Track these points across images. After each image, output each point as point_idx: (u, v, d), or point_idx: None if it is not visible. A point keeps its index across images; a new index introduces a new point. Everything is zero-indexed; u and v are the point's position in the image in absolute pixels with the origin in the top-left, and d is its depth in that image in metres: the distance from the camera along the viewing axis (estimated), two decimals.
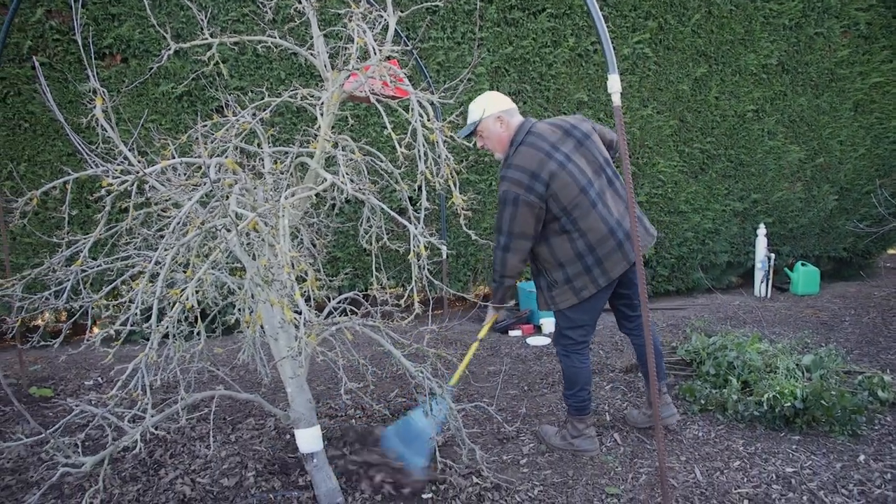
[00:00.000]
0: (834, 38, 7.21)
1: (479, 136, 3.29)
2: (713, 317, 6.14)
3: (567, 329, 3.34)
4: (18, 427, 3.75)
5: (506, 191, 3.07)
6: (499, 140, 3.24)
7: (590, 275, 3.19)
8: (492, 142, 3.27)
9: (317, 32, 2.58)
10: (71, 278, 2.69)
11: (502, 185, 3.11)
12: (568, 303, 3.25)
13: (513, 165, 3.11)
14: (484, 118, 3.21)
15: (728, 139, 7.03)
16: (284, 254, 1.97)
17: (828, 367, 4.03)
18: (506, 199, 3.08)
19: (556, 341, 3.44)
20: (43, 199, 2.72)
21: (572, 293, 3.23)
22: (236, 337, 4.99)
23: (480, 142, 3.31)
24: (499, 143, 3.25)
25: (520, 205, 3.04)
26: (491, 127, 3.23)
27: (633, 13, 6.33)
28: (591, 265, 3.18)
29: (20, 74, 4.94)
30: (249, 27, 5.33)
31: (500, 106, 3.24)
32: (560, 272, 3.22)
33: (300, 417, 2.76)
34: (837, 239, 7.95)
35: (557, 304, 3.29)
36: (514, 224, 3.08)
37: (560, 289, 3.25)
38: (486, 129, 3.24)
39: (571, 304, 3.25)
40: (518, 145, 3.16)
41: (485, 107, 3.21)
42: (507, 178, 3.10)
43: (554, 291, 3.28)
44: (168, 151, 2.75)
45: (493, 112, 3.21)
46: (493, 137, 3.25)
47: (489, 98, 3.26)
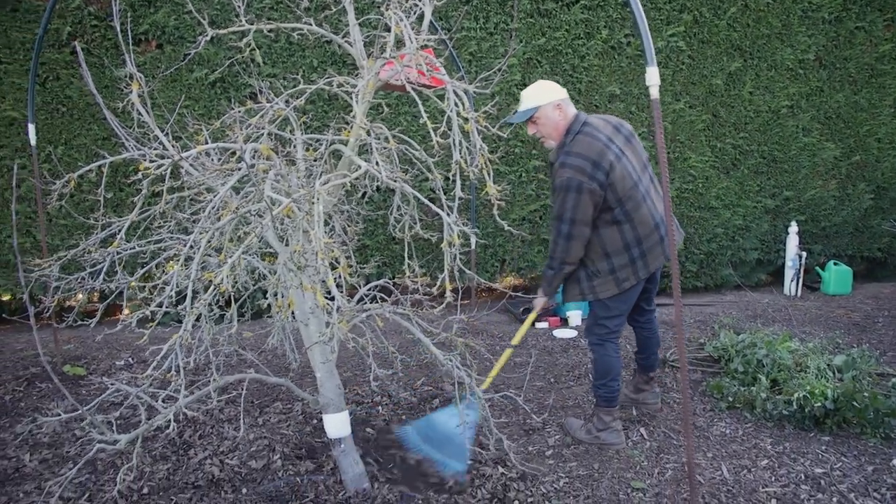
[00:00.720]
0: (876, 31, 7.04)
1: (534, 122, 3.27)
2: (741, 314, 6.07)
3: (604, 318, 3.37)
4: (54, 403, 3.84)
5: (569, 178, 3.07)
6: (555, 128, 3.24)
7: (633, 266, 3.23)
8: (548, 129, 3.25)
9: (353, 21, 2.58)
10: (107, 260, 2.74)
11: (563, 171, 3.09)
12: (609, 293, 3.28)
13: (573, 153, 3.11)
14: (543, 105, 3.21)
15: (761, 135, 6.91)
16: (318, 240, 1.98)
17: (860, 368, 3.97)
18: (569, 185, 3.07)
19: (590, 331, 3.44)
20: (78, 182, 2.77)
21: (615, 283, 3.26)
22: (265, 321, 5.05)
23: (533, 129, 3.30)
24: (555, 130, 3.24)
25: (583, 192, 3.05)
26: (549, 114, 3.22)
27: (667, 6, 6.24)
28: (637, 257, 3.22)
29: (59, 59, 5.03)
30: (283, 15, 5.36)
31: (559, 94, 3.24)
32: (605, 262, 3.24)
33: (329, 402, 2.78)
34: (872, 239, 7.79)
35: (598, 293, 3.30)
36: (577, 211, 3.09)
37: (603, 279, 3.27)
38: (545, 116, 3.22)
39: (612, 294, 3.28)
40: (576, 134, 3.17)
41: (544, 94, 3.22)
42: (568, 165, 3.09)
43: (595, 281, 3.29)
44: (202, 137, 2.79)
45: (552, 99, 3.21)
46: (550, 125, 3.24)
47: (547, 86, 3.26)
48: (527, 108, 3.24)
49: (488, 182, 2.32)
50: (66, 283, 3.03)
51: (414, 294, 2.78)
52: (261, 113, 2.54)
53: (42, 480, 2.97)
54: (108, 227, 2.83)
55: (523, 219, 6.26)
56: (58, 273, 2.98)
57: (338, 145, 2.58)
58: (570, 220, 3.11)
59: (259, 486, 2.91)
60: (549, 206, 6.28)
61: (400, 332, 5.01)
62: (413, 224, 2.84)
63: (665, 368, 4.53)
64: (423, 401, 3.88)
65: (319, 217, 2.05)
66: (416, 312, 2.84)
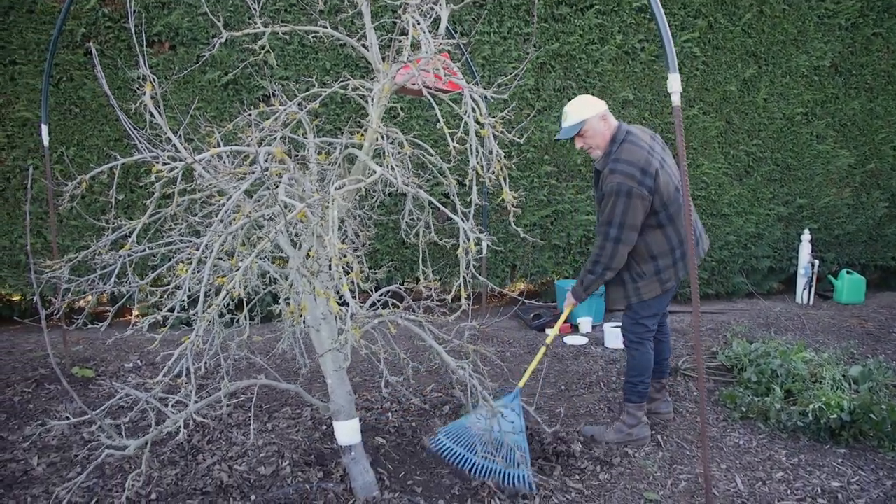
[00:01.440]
0: (893, 38, 6.97)
1: (581, 135, 3.35)
2: (753, 322, 6.00)
3: (645, 318, 3.46)
4: (62, 406, 3.83)
5: (620, 183, 3.15)
6: (602, 138, 3.33)
7: (675, 267, 3.37)
8: (595, 140, 3.34)
9: (369, 24, 2.56)
10: (118, 262, 2.72)
11: (614, 177, 3.18)
12: (652, 293, 3.38)
13: (622, 160, 3.21)
14: (590, 118, 3.30)
15: (775, 142, 6.86)
16: (333, 245, 1.95)
17: (877, 379, 3.91)
18: (619, 191, 3.16)
19: (630, 330, 3.51)
20: (89, 184, 2.76)
21: (658, 284, 3.38)
22: (274, 325, 5.03)
23: (581, 142, 3.38)
24: (602, 140, 3.34)
25: (633, 196, 3.14)
26: (596, 126, 3.31)
27: (682, 11, 6.20)
28: (678, 259, 3.36)
29: (73, 60, 5.03)
30: (296, 17, 5.35)
31: (602, 106, 3.35)
32: (651, 264, 3.34)
33: (340, 409, 2.76)
34: (886, 247, 7.71)
35: (642, 295, 3.40)
36: (627, 216, 3.18)
37: (647, 280, 3.37)
38: (592, 129, 3.31)
39: (655, 294, 3.39)
40: (621, 142, 3.28)
41: (588, 107, 3.32)
42: (618, 171, 3.18)
43: (640, 283, 3.39)
44: (213, 139, 2.77)
45: (597, 112, 3.31)
46: (598, 136, 3.33)
47: (590, 100, 3.37)
48: (574, 123, 3.32)
49: (505, 188, 2.29)
50: (76, 285, 3.01)
51: (426, 300, 2.76)
52: (274, 116, 2.52)
53: (50, 485, 2.95)
54: (119, 230, 2.82)
55: (535, 224, 6.23)
56: (68, 275, 2.96)
57: (352, 149, 2.56)
58: (620, 225, 3.19)
59: (268, 492, 2.88)
60: (561, 212, 6.25)
61: (409, 338, 4.98)
62: (427, 230, 2.81)
63: (677, 377, 4.48)
64: (434, 407, 3.84)
65: (334, 222, 2.02)
66: (428, 319, 2.81)
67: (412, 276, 6.05)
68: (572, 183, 6.25)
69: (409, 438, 3.46)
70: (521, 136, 3.38)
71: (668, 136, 6.16)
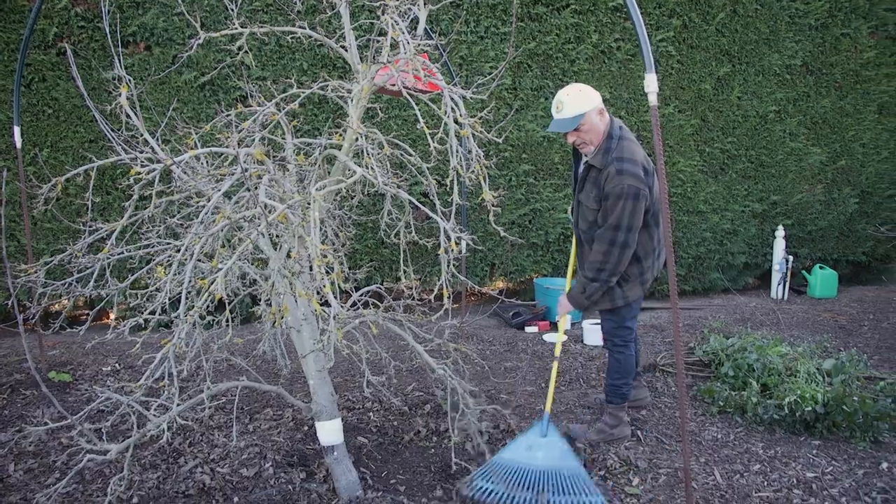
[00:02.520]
0: (861, 38, 7.12)
1: (577, 129, 3.14)
2: (730, 318, 6.10)
3: (630, 320, 3.45)
4: (39, 411, 3.78)
5: (630, 185, 3.01)
6: (597, 133, 3.15)
7: (653, 269, 3.39)
8: (591, 135, 3.15)
9: (348, 25, 2.57)
10: (96, 266, 2.70)
11: (623, 179, 3.02)
12: (636, 295, 3.37)
13: (626, 160, 3.06)
14: (588, 112, 3.10)
15: (749, 139, 6.96)
16: (315, 246, 1.96)
17: (849, 372, 3.99)
18: (629, 194, 3.01)
19: (615, 334, 3.47)
20: (64, 186, 2.73)
21: (640, 286, 3.36)
22: (254, 326, 5.00)
23: (575, 136, 3.18)
24: (597, 136, 3.16)
25: (640, 199, 3.04)
26: (593, 120, 3.13)
27: (657, 10, 6.27)
28: (656, 259, 3.37)
29: (45, 61, 4.96)
30: (273, 17, 5.33)
31: (598, 98, 3.17)
32: (636, 267, 3.30)
33: (322, 410, 2.76)
34: (857, 242, 7.86)
35: (628, 298, 3.35)
36: (634, 218, 3.07)
37: (632, 283, 3.33)
38: (589, 123, 3.12)
39: (638, 295, 3.37)
40: (619, 139, 3.13)
41: (587, 99, 3.12)
42: (626, 172, 3.03)
43: (625, 287, 3.32)
44: (191, 140, 2.76)
45: (596, 105, 3.13)
46: (594, 130, 3.14)
47: (587, 90, 3.16)
48: (572, 116, 3.10)
49: (485, 188, 2.31)
50: (52, 288, 2.98)
51: (407, 300, 2.77)
52: (253, 117, 2.51)
53: (28, 491, 2.92)
54: (96, 232, 2.79)
55: (513, 223, 6.26)
56: (44, 278, 2.93)
57: (332, 150, 2.56)
58: (628, 229, 3.07)
59: (251, 494, 2.88)
60: (539, 210, 6.28)
61: (391, 337, 4.98)
62: (407, 229, 2.82)
63: (656, 373, 4.53)
64: (415, 406, 3.85)
65: (315, 223, 2.03)
66: (409, 318, 2.82)
67: (391, 276, 6.05)
68: (550, 181, 6.29)
69: (391, 438, 3.46)
70: (500, 136, 3.38)
71: (645, 134, 6.23)
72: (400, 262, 2.61)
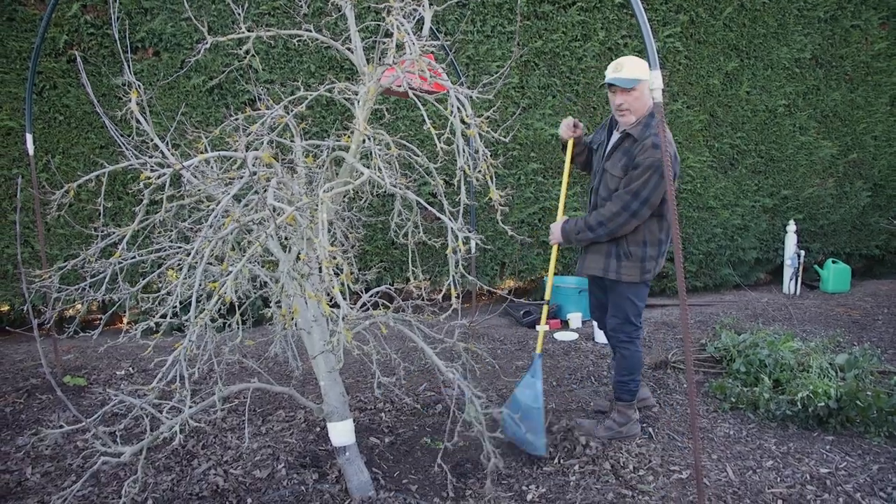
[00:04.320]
0: (871, 30, 7.06)
1: (628, 92, 3.23)
2: (742, 314, 6.07)
3: (634, 315, 3.47)
4: (55, 415, 3.82)
5: (659, 160, 3.09)
6: (643, 105, 3.25)
7: (657, 261, 3.41)
8: (638, 104, 3.24)
9: (353, 27, 2.58)
10: (108, 270, 2.73)
11: (656, 153, 3.12)
12: (631, 278, 3.37)
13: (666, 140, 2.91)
14: (644, 80, 3.18)
15: (759, 134, 6.92)
16: (323, 248, 1.97)
17: (862, 366, 3.97)
18: (657, 168, 3.12)
19: (620, 330, 3.48)
20: (77, 191, 2.76)
21: (639, 271, 3.36)
22: (266, 328, 5.03)
23: (623, 98, 3.25)
24: (642, 107, 3.25)
25: (664, 178, 3.03)
26: (645, 91, 3.21)
27: (663, 6, 6.25)
28: (662, 253, 3.42)
29: (56, 68, 5.01)
30: (280, 21, 5.35)
31: None
32: (639, 248, 3.34)
33: (333, 411, 2.77)
34: (870, 236, 7.80)
35: (621, 275, 3.37)
36: (654, 193, 3.18)
37: (631, 263, 3.36)
38: (640, 91, 3.21)
39: (632, 279, 3.37)
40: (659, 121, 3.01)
41: (645, 70, 3.16)
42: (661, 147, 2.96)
43: (623, 263, 3.36)
44: (201, 144, 2.78)
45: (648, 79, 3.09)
46: (642, 101, 3.24)
47: (645, 64, 3.19)
48: (634, 77, 3.20)
49: (491, 187, 2.32)
50: (66, 293, 3.01)
51: (416, 300, 2.77)
52: (261, 120, 2.53)
53: (45, 494, 2.95)
54: (108, 237, 2.82)
55: (522, 221, 6.26)
56: (58, 283, 2.96)
57: (339, 152, 2.58)
58: (644, 200, 3.19)
59: (264, 496, 2.90)
60: (548, 209, 6.28)
61: (401, 338, 4.99)
62: (416, 229, 2.83)
63: (668, 370, 4.52)
64: (426, 406, 3.87)
65: (323, 225, 2.04)
66: (419, 318, 2.83)
67: (402, 277, 6.06)
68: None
69: (402, 438, 3.48)
70: (507, 135, 3.38)
71: None
72: (409, 263, 2.61)
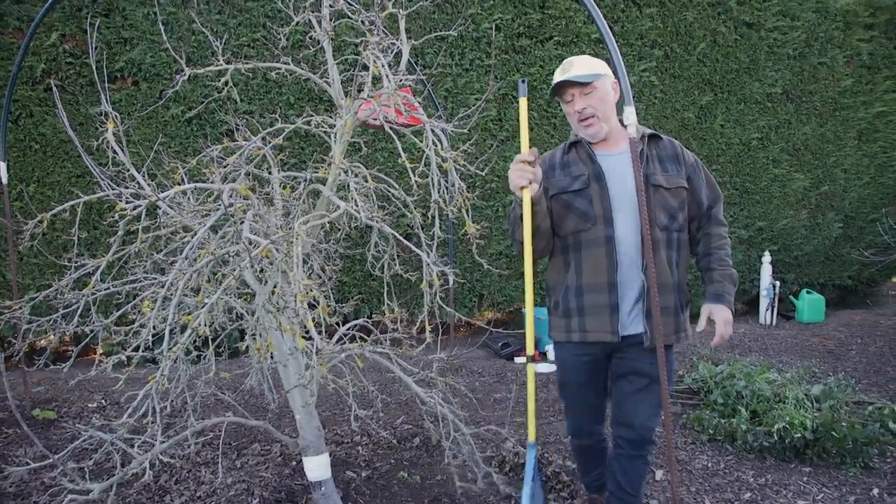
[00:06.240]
0: (837, 67, 7.27)
1: (587, 93, 2.49)
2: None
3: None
4: (21, 450, 3.72)
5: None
6: (611, 107, 2.55)
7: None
8: (603, 106, 2.51)
9: (331, 61, 2.60)
10: (81, 302, 2.69)
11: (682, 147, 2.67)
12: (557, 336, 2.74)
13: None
14: (604, 76, 2.52)
15: (733, 167, 7.05)
16: (298, 281, 1.96)
17: (837, 397, 4.00)
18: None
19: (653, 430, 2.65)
20: (51, 221, 2.73)
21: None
22: (242, 361, 4.97)
23: (584, 102, 2.49)
24: (611, 110, 2.55)
25: None
26: (608, 88, 2.53)
27: (639, 41, 6.38)
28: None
29: (33, 97, 4.98)
30: (259, 52, 5.38)
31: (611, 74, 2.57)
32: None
33: (309, 445, 2.73)
34: (842, 267, 7.94)
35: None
36: None
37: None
38: (604, 89, 2.51)
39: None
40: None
41: (602, 66, 2.55)
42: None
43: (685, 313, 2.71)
44: (178, 175, 2.76)
45: (610, 74, 2.55)
46: (607, 101, 2.53)
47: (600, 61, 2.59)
48: (591, 72, 2.48)
49: (467, 221, 2.33)
50: (37, 324, 2.96)
51: (393, 333, 2.76)
52: (238, 152, 2.53)
53: None
54: (82, 268, 2.78)
55: (500, 253, 6.28)
56: (29, 315, 2.91)
57: (316, 185, 2.58)
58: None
59: None
60: None
61: (379, 370, 4.96)
62: (393, 262, 2.83)
63: None
64: (403, 440, 3.83)
65: (298, 258, 2.03)
66: (396, 351, 2.81)
67: (380, 309, 6.03)
68: None
69: (380, 472, 3.43)
70: (484, 168, 3.40)
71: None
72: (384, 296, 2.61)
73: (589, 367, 2.63)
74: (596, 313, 2.50)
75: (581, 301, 2.54)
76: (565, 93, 2.54)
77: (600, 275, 2.49)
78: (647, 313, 2.47)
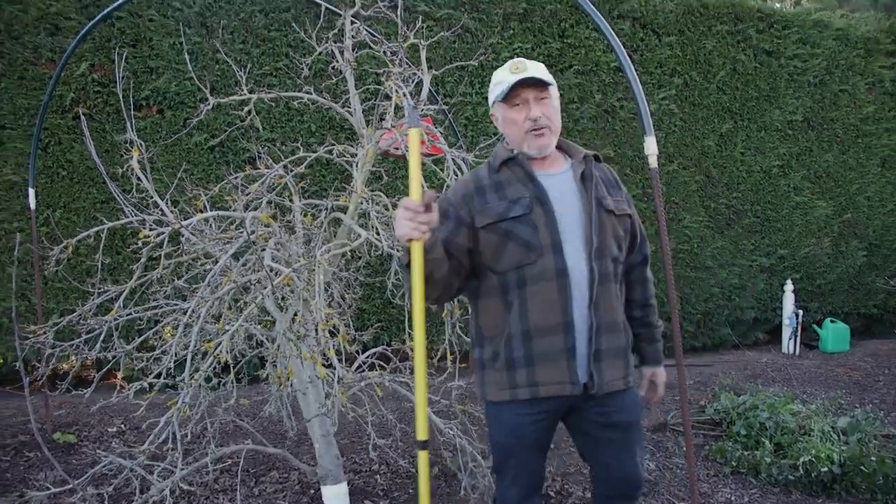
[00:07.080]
0: (859, 94, 7.23)
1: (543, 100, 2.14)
2: (741, 374, 6.01)
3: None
4: (42, 474, 3.74)
5: None
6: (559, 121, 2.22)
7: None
8: (556, 115, 2.18)
9: (353, 90, 2.64)
10: (104, 327, 2.72)
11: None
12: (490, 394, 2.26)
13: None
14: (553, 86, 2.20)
15: (754, 194, 7.00)
16: (319, 310, 1.97)
17: (865, 430, 3.91)
18: None
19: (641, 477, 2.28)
20: (76, 246, 2.78)
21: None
22: (261, 387, 4.97)
23: (541, 109, 2.12)
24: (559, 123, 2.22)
25: None
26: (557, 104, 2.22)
27: (658, 70, 6.40)
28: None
29: (62, 125, 5.10)
30: (282, 80, 5.47)
31: None
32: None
33: (327, 474, 2.72)
34: (867, 295, 7.80)
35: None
36: None
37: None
38: (556, 100, 2.21)
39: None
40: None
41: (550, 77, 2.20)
42: None
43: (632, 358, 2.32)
44: (200, 202, 2.80)
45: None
46: (558, 111, 2.20)
47: None
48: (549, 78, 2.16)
49: None
50: (60, 349, 2.99)
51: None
52: (261, 181, 2.57)
53: None
54: (105, 293, 2.82)
55: None
56: (52, 339, 2.95)
57: (337, 213, 2.60)
58: None
59: None
60: None
61: (397, 398, 4.93)
62: None
63: (666, 433, 4.45)
64: None
65: (320, 287, 2.04)
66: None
67: (399, 336, 6.03)
68: None
69: (398, 501, 3.40)
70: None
71: (649, 191, 6.27)
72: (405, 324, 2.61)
73: (540, 427, 2.15)
74: (550, 360, 2.06)
75: (529, 348, 2.08)
76: (517, 97, 2.13)
77: (553, 314, 2.06)
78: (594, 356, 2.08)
